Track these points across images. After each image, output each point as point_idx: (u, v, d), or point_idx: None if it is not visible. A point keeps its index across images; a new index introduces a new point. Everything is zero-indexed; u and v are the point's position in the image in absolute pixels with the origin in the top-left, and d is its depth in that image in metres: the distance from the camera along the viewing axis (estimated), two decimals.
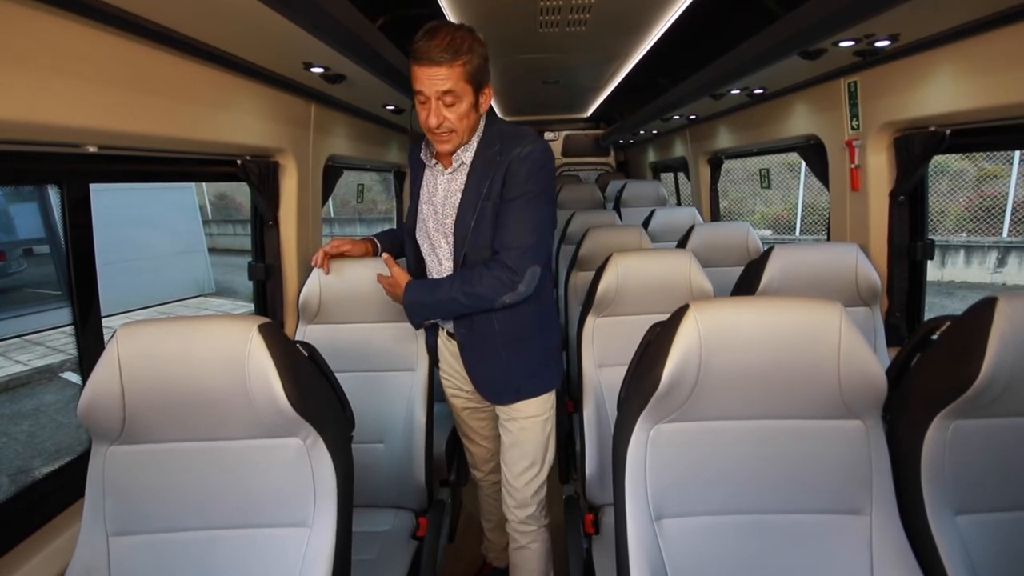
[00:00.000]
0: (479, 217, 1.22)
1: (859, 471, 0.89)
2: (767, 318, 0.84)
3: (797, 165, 8.47)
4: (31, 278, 7.43)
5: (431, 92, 1.12)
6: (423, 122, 1.17)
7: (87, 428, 0.86)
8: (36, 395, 5.19)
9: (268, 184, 1.70)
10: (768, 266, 1.62)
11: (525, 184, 1.21)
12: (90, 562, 0.86)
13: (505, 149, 1.21)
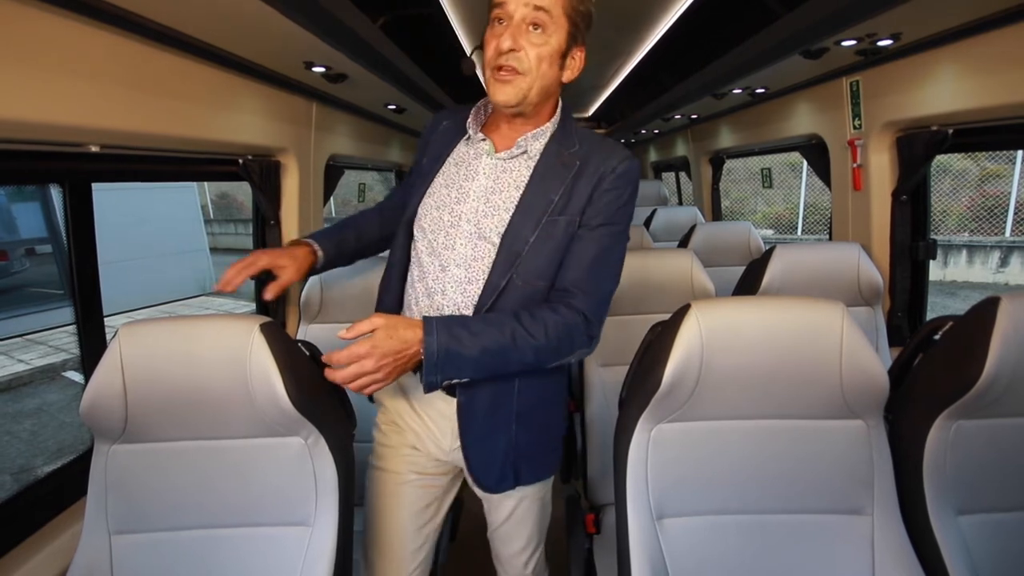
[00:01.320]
0: (542, 234, 0.90)
1: (861, 471, 0.89)
2: (769, 318, 0.84)
3: (799, 164, 8.46)
4: (33, 277, 7.44)
5: (519, 8, 0.85)
6: (491, 50, 0.87)
7: (89, 427, 0.86)
8: (38, 394, 5.20)
9: (270, 183, 1.70)
10: (770, 266, 1.62)
11: (617, 212, 0.93)
12: (92, 560, 0.86)
13: (590, 154, 0.94)
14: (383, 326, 0.82)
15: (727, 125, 3.07)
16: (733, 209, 9.04)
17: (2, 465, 3.98)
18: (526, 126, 0.94)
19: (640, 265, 1.60)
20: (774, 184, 6.45)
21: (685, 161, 3.91)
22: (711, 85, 2.30)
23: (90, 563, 0.86)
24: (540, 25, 0.86)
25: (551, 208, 0.90)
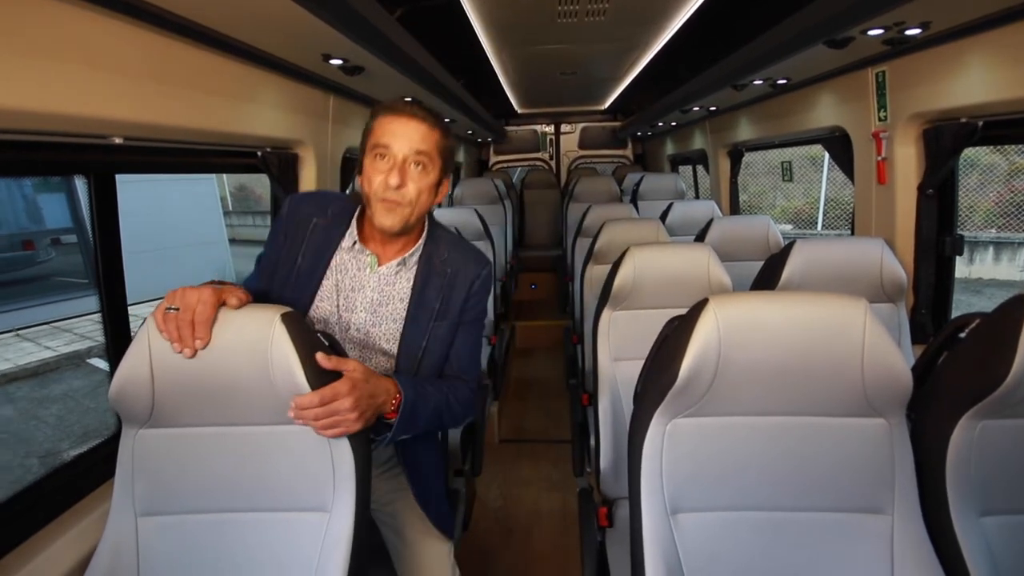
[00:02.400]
0: (431, 338, 1.08)
1: (881, 470, 0.87)
2: (789, 313, 0.83)
3: (820, 158, 8.28)
4: (59, 267, 7.64)
5: (403, 149, 0.97)
6: (375, 181, 0.97)
7: (118, 412, 0.89)
8: (65, 380, 5.36)
9: (288, 175, 1.72)
10: (789, 260, 1.59)
11: (482, 309, 1.15)
12: (119, 540, 0.89)
13: (454, 262, 1.10)
14: (362, 370, 0.89)
15: (747, 117, 3.02)
16: (751, 203, 8.89)
17: (30, 449, 4.12)
18: (402, 241, 1.07)
19: (656, 259, 1.59)
20: (794, 178, 6.31)
21: (703, 154, 3.86)
22: (731, 76, 2.26)
23: (117, 542, 0.89)
24: (421, 164, 0.99)
25: (434, 315, 1.08)
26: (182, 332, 0.81)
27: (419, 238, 1.10)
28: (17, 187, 7.79)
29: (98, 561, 0.88)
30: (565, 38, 2.54)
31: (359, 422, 0.87)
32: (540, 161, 6.17)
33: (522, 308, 4.67)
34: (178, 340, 0.81)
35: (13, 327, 6.29)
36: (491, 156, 6.13)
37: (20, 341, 6.08)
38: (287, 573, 0.88)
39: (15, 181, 7.70)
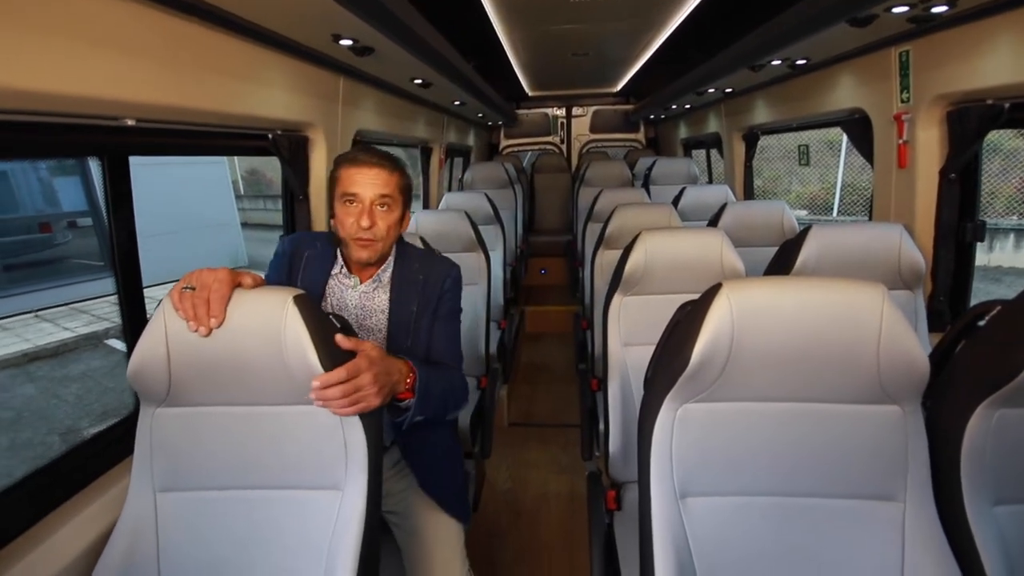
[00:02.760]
0: (415, 338, 1.22)
1: (894, 457, 0.87)
2: (804, 298, 0.82)
3: (837, 142, 8.10)
4: (75, 249, 7.76)
5: (368, 194, 1.11)
6: (348, 225, 1.12)
7: (136, 390, 0.90)
8: (83, 360, 5.48)
9: (298, 158, 1.72)
10: (805, 246, 1.56)
11: (451, 304, 1.29)
12: (139, 515, 0.91)
13: (428, 269, 1.25)
14: (378, 349, 0.94)
15: (763, 99, 2.95)
16: (765, 189, 8.75)
17: (51, 426, 4.23)
18: (376, 265, 1.22)
19: (667, 244, 1.57)
20: (810, 162, 6.17)
21: (717, 138, 3.79)
22: (748, 56, 2.20)
23: (137, 517, 0.91)
24: (386, 204, 1.13)
25: (413, 317, 1.21)
26: (197, 311, 0.82)
27: (388, 257, 1.24)
28: (33, 170, 7.89)
29: (119, 534, 0.91)
30: (577, 18, 2.49)
31: (379, 397, 0.90)
32: (551, 145, 6.10)
33: (531, 293, 4.66)
34: (194, 319, 0.83)
35: (32, 308, 6.43)
36: (501, 140, 6.08)
37: (39, 322, 6.21)
38: (302, 549, 0.90)
39: (31, 165, 7.79)
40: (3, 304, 6.34)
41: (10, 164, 7.52)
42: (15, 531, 0.90)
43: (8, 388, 4.84)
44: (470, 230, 2.37)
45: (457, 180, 4.87)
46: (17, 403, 4.58)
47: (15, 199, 7.66)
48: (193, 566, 0.91)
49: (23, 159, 1.10)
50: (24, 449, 3.90)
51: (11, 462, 3.74)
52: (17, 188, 7.72)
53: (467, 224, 2.37)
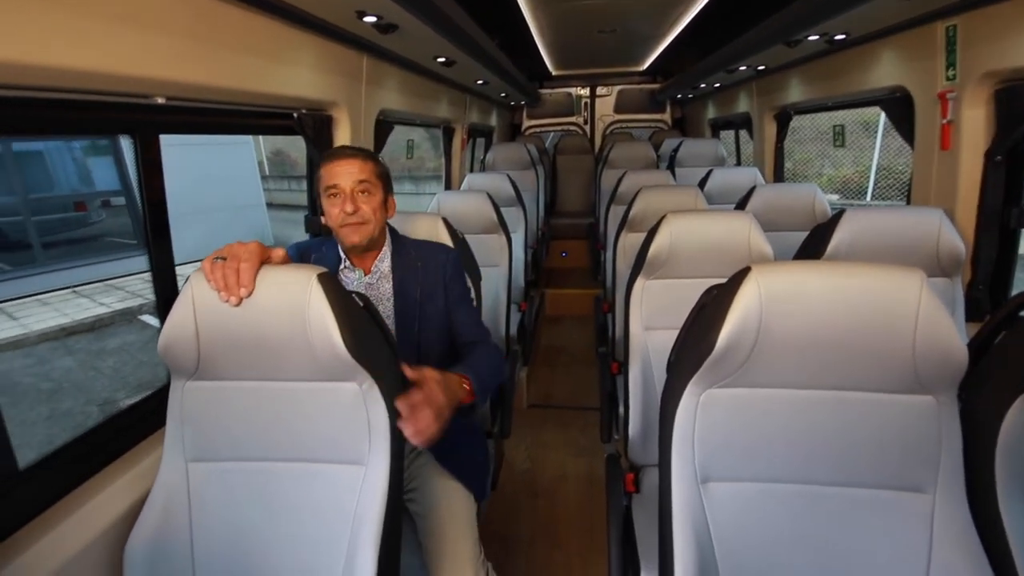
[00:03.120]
0: (422, 322, 1.31)
1: (926, 448, 0.84)
2: (838, 283, 0.79)
3: (873, 123, 7.77)
4: (110, 228, 8.02)
5: (347, 183, 1.19)
6: (334, 215, 1.21)
7: (167, 364, 0.93)
8: (119, 335, 5.70)
9: (323, 137, 1.72)
10: (838, 230, 1.51)
11: (465, 285, 1.40)
12: (172, 483, 0.95)
13: (422, 256, 1.34)
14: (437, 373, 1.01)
15: (797, 77, 2.84)
16: (796, 172, 8.47)
17: (89, 397, 4.43)
18: (373, 253, 1.31)
19: (693, 227, 1.54)
20: (845, 144, 5.95)
21: (747, 118, 3.66)
22: (784, 32, 2.11)
23: (170, 485, 0.95)
24: (366, 190, 1.22)
25: (416, 302, 1.30)
26: (228, 280, 0.85)
27: (384, 245, 1.32)
28: (68, 150, 8.13)
29: (153, 501, 0.95)
30: None
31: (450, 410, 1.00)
32: (574, 126, 6.00)
33: (552, 276, 4.65)
34: (224, 288, 0.85)
35: (70, 284, 6.69)
36: (524, 120, 6.00)
37: (77, 297, 6.47)
38: (328, 521, 0.93)
39: (66, 145, 8.03)
40: (43, 280, 6.61)
41: (45, 144, 7.77)
42: (55, 496, 0.94)
43: (48, 360, 5.08)
44: (492, 212, 2.36)
45: (479, 161, 4.84)
46: (57, 375, 4.80)
47: (51, 178, 7.92)
48: (224, 532, 0.95)
49: (60, 136, 1.13)
50: (64, 418, 4.10)
51: (52, 431, 3.93)
52: (53, 168, 7.98)
53: (489, 206, 2.36)
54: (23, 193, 7.20)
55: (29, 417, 4.07)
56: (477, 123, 4.21)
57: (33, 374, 4.78)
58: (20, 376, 4.72)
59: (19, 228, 7.04)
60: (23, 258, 6.96)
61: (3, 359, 4.95)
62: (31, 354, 5.15)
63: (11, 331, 5.39)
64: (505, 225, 2.42)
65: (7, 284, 6.36)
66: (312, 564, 0.93)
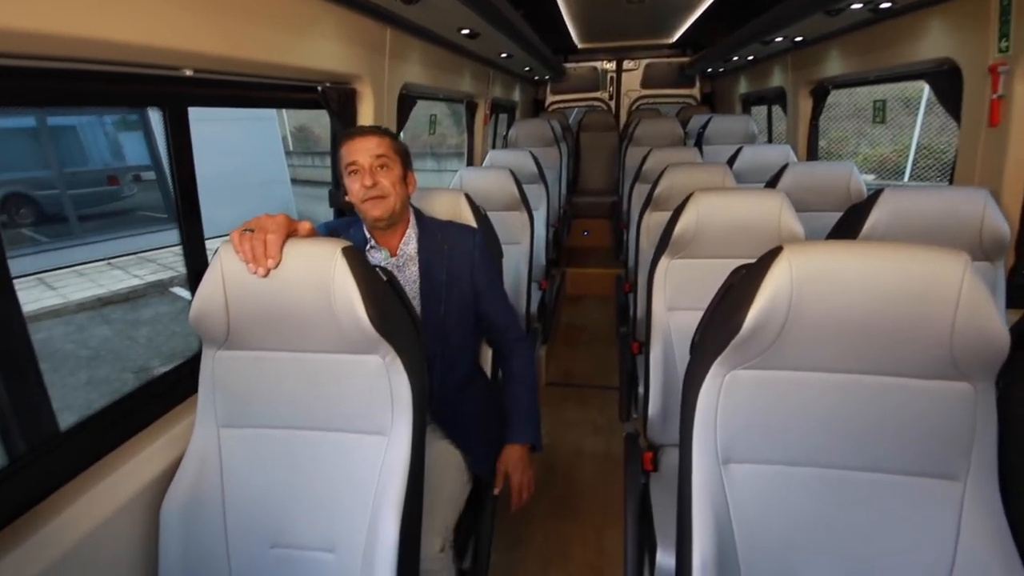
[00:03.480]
0: (447, 305, 1.33)
1: (960, 436, 0.82)
2: (875, 264, 0.76)
3: (915, 99, 7.39)
4: (141, 202, 8.22)
5: (366, 158, 1.21)
6: (355, 191, 1.23)
7: (198, 333, 0.96)
8: (152, 306, 5.89)
9: (347, 111, 1.72)
10: (874, 210, 1.45)
11: (492, 269, 1.43)
12: (204, 447, 0.99)
13: (448, 238, 1.36)
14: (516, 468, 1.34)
15: (837, 49, 2.70)
16: (830, 150, 8.15)
17: (125, 365, 4.62)
18: (397, 230, 1.33)
19: (721, 205, 1.50)
20: (885, 120, 5.66)
21: (780, 92, 3.52)
22: None
23: (203, 449, 0.99)
24: (384, 164, 1.23)
25: (442, 286, 1.33)
26: (255, 251, 0.86)
27: (407, 227, 1.34)
28: (100, 125, 8.31)
29: (187, 463, 0.99)
30: None
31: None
32: (599, 101, 5.86)
33: (573, 255, 4.61)
34: (252, 260, 0.87)
35: (104, 256, 6.91)
36: (547, 96, 5.88)
37: (111, 269, 6.68)
38: (352, 489, 0.95)
39: (98, 120, 8.21)
40: (79, 251, 6.85)
41: (78, 119, 7.94)
42: (94, 457, 0.98)
43: (86, 329, 5.29)
44: (514, 189, 2.34)
45: (501, 137, 4.78)
46: (95, 343, 5.01)
47: (85, 153, 8.12)
48: (253, 495, 0.99)
49: (93, 108, 1.15)
50: (102, 384, 4.29)
51: (90, 396, 4.12)
52: (86, 142, 8.17)
53: (511, 183, 2.34)
54: (59, 167, 7.41)
55: (69, 382, 4.26)
56: (500, 98, 4.15)
57: (73, 341, 5.00)
58: (60, 343, 4.93)
59: (55, 201, 7.27)
60: (60, 231, 7.20)
61: (44, 327, 5.17)
62: (70, 322, 5.37)
63: (51, 300, 5.62)
64: (527, 202, 2.40)
65: (46, 255, 6.61)
66: (337, 529, 0.96)
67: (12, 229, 6.68)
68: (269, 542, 0.99)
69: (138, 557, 0.98)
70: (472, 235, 1.39)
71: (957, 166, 1.83)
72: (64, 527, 0.86)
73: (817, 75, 2.99)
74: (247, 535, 0.98)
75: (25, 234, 6.85)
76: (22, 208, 7.06)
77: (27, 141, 7.18)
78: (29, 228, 6.93)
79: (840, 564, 0.88)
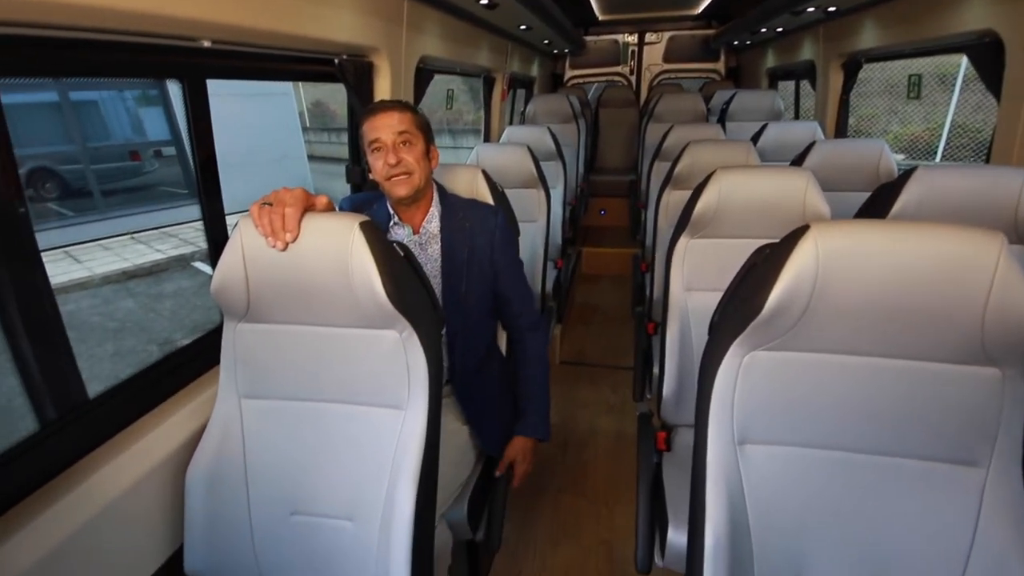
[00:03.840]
0: (468, 284, 1.34)
1: (985, 422, 0.80)
2: (906, 245, 0.73)
3: (951, 75, 7.06)
4: (162, 177, 8.32)
5: (388, 135, 1.20)
6: (379, 169, 1.23)
7: (220, 306, 0.98)
8: (174, 280, 6.01)
9: (363, 85, 1.70)
10: (906, 189, 1.40)
11: (512, 251, 1.43)
12: (227, 417, 1.02)
13: (471, 217, 1.35)
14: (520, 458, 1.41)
15: (872, 20, 2.58)
16: (859, 128, 7.86)
17: (150, 337, 4.74)
18: (420, 206, 1.32)
19: (745, 183, 1.46)
20: (920, 96, 5.40)
21: (810, 67, 3.39)
22: None
23: (225, 418, 1.02)
24: (407, 141, 1.23)
25: (463, 265, 1.33)
26: (274, 225, 0.87)
27: (430, 204, 1.34)
28: (121, 101, 8.38)
29: (211, 432, 1.01)
30: None
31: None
32: (619, 76, 5.71)
33: (589, 234, 4.57)
34: (271, 233, 0.87)
35: (127, 231, 7.05)
36: (566, 70, 5.75)
37: (135, 243, 6.82)
38: (369, 460, 0.97)
39: (119, 95, 8.27)
40: (103, 226, 6.99)
41: (99, 93, 8.01)
42: (122, 424, 1.02)
43: (112, 301, 5.43)
44: (531, 165, 2.31)
45: (519, 113, 4.71)
46: (120, 315, 5.14)
47: (107, 128, 8.21)
48: (274, 464, 1.02)
49: (113, 78, 1.16)
50: (128, 355, 4.42)
51: (117, 367, 4.26)
52: (107, 117, 8.26)
53: (529, 159, 2.31)
54: (82, 142, 7.52)
55: (97, 353, 4.40)
56: (518, 72, 4.07)
57: (99, 314, 5.14)
58: (87, 315, 5.08)
59: (79, 176, 7.39)
60: (84, 205, 7.34)
61: (72, 299, 5.32)
62: (96, 295, 5.52)
63: (77, 273, 5.77)
64: (545, 180, 2.37)
65: (72, 230, 6.76)
66: (356, 499, 0.98)
67: (38, 203, 6.83)
68: (290, 509, 1.02)
69: (165, 519, 1.02)
70: (494, 215, 1.38)
71: (995, 145, 1.75)
72: (95, 489, 0.90)
73: (850, 48, 2.86)
74: (269, 502, 1.02)
75: (51, 208, 7.00)
76: (47, 182, 7.19)
77: (50, 115, 7.28)
78: (55, 202, 7.08)
79: (854, 547, 0.87)
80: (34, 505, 0.83)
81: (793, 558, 0.88)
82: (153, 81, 8.04)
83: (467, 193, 1.55)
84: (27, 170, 7.00)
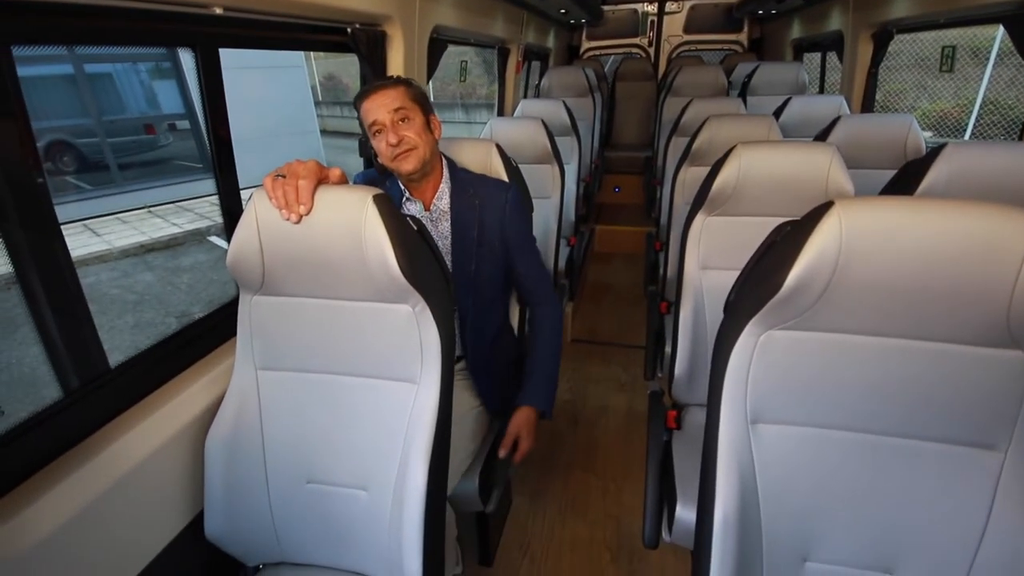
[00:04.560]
0: (478, 263, 1.33)
1: (1005, 405, 0.78)
2: (933, 223, 0.71)
3: (984, 49, 6.74)
4: (177, 151, 8.35)
5: (385, 115, 1.19)
6: (383, 150, 1.22)
7: (235, 278, 0.98)
8: (191, 254, 6.09)
9: (376, 55, 1.67)
10: (934, 166, 1.35)
11: (524, 226, 1.42)
12: (243, 387, 1.04)
13: (480, 194, 1.34)
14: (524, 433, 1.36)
15: None
16: (886, 104, 7.58)
17: (168, 310, 4.84)
18: (430, 181, 1.32)
19: (766, 159, 1.41)
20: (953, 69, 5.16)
21: (838, 37, 3.25)
22: None
23: (242, 389, 1.04)
24: (404, 117, 1.21)
25: (473, 242, 1.32)
26: (288, 197, 0.87)
27: (441, 177, 1.33)
28: (135, 73, 8.37)
29: (228, 401, 1.03)
30: None
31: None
32: (637, 48, 5.55)
33: (603, 211, 4.52)
34: (284, 206, 0.87)
35: (144, 204, 7.13)
36: (582, 42, 5.60)
37: (152, 217, 6.91)
38: (382, 433, 0.99)
39: (132, 67, 8.25)
40: (121, 199, 7.07)
41: (113, 66, 8.00)
42: (141, 393, 1.04)
43: (131, 274, 5.53)
44: (546, 141, 2.27)
45: (533, 86, 4.61)
46: (139, 288, 5.24)
47: (121, 101, 8.23)
48: (290, 434, 1.04)
49: (124, 45, 1.14)
50: (148, 327, 4.52)
51: (137, 338, 4.36)
52: (122, 90, 8.26)
53: (543, 134, 2.27)
54: (97, 115, 7.55)
55: (117, 324, 4.51)
56: (533, 44, 3.97)
57: (119, 286, 5.25)
58: (107, 288, 5.18)
59: (96, 149, 7.45)
60: (102, 178, 7.41)
61: (92, 271, 5.43)
62: (115, 268, 5.62)
63: (96, 246, 5.87)
64: (559, 155, 2.33)
65: (90, 203, 6.85)
66: (370, 470, 1.00)
67: (56, 176, 6.91)
68: (306, 477, 1.04)
69: (186, 485, 1.05)
70: (505, 190, 1.37)
71: None
72: (118, 455, 0.92)
73: (881, 17, 2.73)
74: (285, 470, 1.04)
75: (69, 181, 7.08)
76: (65, 156, 7.26)
77: (65, 88, 7.30)
78: (72, 176, 7.16)
79: (865, 528, 0.87)
80: (60, 469, 0.86)
81: (802, 537, 0.89)
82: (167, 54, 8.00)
83: (480, 167, 1.52)
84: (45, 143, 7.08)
